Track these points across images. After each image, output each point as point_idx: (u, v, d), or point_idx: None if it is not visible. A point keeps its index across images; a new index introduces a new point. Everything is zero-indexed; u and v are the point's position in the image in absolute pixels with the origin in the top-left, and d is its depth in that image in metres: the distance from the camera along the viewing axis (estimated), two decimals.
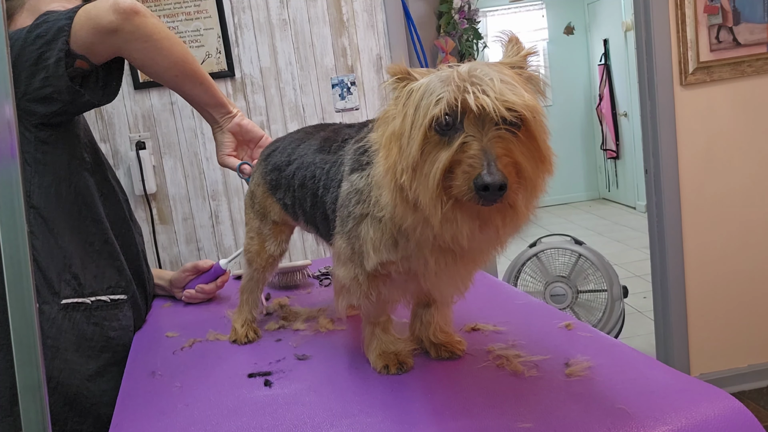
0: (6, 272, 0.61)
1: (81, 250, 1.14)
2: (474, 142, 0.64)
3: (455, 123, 0.65)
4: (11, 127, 0.61)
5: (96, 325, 1.13)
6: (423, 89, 0.68)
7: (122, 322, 1.18)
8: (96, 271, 1.16)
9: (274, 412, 0.79)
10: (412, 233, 0.74)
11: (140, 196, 2.46)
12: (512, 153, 0.65)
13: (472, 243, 0.69)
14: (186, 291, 1.37)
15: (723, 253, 2.64)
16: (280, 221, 1.09)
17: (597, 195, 7.13)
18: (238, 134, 1.25)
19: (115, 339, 1.16)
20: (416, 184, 0.67)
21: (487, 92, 0.63)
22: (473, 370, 0.85)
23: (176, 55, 1.11)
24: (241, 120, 1.24)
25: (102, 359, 1.13)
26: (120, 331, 1.17)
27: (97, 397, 1.11)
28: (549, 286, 2.85)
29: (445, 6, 2.53)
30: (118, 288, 1.19)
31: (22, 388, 0.61)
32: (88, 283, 1.14)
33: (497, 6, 6.62)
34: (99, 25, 1.02)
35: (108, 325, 1.15)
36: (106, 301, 1.16)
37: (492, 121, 0.64)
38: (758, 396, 2.66)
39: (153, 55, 1.08)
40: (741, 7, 2.45)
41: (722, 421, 0.67)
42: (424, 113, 0.66)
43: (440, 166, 0.64)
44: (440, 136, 0.66)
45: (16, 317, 0.61)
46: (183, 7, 2.40)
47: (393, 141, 0.70)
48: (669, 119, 2.51)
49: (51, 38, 1.01)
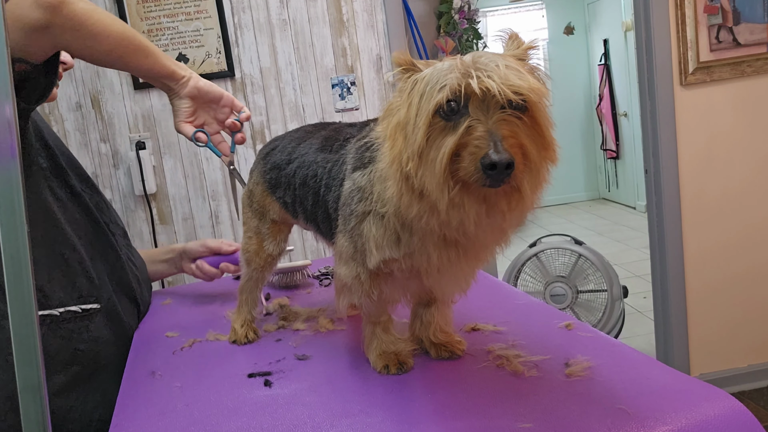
0: (6, 272, 0.61)
1: (46, 261, 1.09)
2: (479, 125, 0.64)
3: (460, 108, 0.65)
4: (11, 127, 0.61)
5: (63, 339, 1.08)
6: (427, 78, 0.69)
7: (93, 333, 1.12)
8: (64, 281, 1.10)
9: (274, 412, 0.79)
10: (417, 224, 0.73)
11: (140, 196, 2.46)
12: (518, 135, 0.65)
13: (479, 228, 0.69)
14: (199, 261, 1.35)
15: (723, 252, 2.64)
16: (279, 220, 1.09)
17: (597, 195, 7.13)
18: (196, 98, 1.18)
19: (85, 351, 1.10)
20: (422, 170, 0.67)
21: (491, 77, 0.64)
22: (473, 370, 0.85)
23: (114, 36, 1.04)
24: (197, 82, 1.17)
25: (69, 373, 1.07)
26: (90, 342, 1.11)
27: (65, 412, 1.06)
28: (549, 286, 2.85)
29: (445, 6, 2.53)
30: (90, 297, 1.13)
31: (22, 388, 0.61)
32: (55, 295, 1.08)
33: (497, 6, 6.63)
34: (27, 25, 0.94)
35: (77, 337, 1.09)
36: (77, 311, 1.10)
37: (497, 105, 0.65)
38: (758, 396, 2.66)
39: (90, 42, 1.01)
40: (741, 7, 2.45)
41: (722, 421, 0.67)
42: (428, 99, 0.66)
43: (446, 150, 0.65)
44: (445, 121, 0.66)
45: (16, 317, 0.61)
46: (183, 7, 2.40)
47: (398, 131, 0.70)
48: (669, 119, 2.51)
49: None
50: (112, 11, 2.37)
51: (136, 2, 2.37)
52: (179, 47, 2.42)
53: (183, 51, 2.42)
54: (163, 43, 2.40)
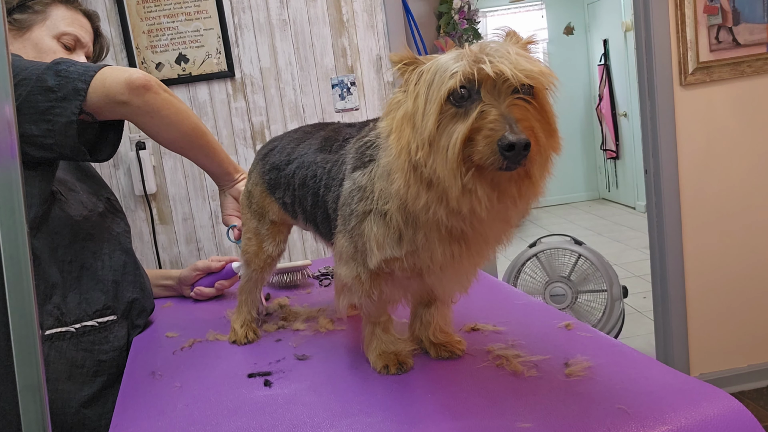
0: (6, 272, 0.61)
1: (60, 280, 1.12)
2: (492, 109, 0.64)
3: (471, 94, 0.66)
4: (11, 127, 0.61)
5: (86, 351, 1.11)
6: (435, 68, 0.69)
7: (114, 344, 1.15)
8: (79, 298, 1.14)
9: (273, 412, 0.79)
10: (424, 216, 0.73)
11: (140, 197, 2.46)
12: (529, 119, 0.66)
13: (490, 214, 0.69)
14: (197, 288, 1.38)
15: (723, 252, 2.64)
16: (278, 221, 1.09)
17: (597, 195, 7.13)
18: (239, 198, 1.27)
19: (108, 362, 1.14)
20: (433, 158, 0.67)
21: (503, 62, 0.65)
22: (473, 370, 0.85)
23: (183, 130, 1.14)
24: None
25: (96, 384, 1.12)
26: (112, 353, 1.15)
27: (95, 421, 1.10)
28: (549, 286, 2.85)
29: (445, 6, 2.53)
30: (106, 310, 1.17)
31: (22, 388, 0.61)
32: (71, 311, 1.12)
33: (497, 6, 6.63)
34: (110, 95, 1.03)
35: (98, 348, 1.13)
36: (94, 325, 1.14)
37: (508, 90, 0.65)
38: (758, 396, 2.66)
39: (159, 128, 1.11)
40: (741, 7, 2.45)
41: (722, 421, 0.67)
42: (438, 87, 0.66)
43: (460, 135, 0.65)
44: (456, 107, 0.66)
45: (16, 317, 0.61)
46: (183, 7, 2.40)
47: (405, 122, 0.70)
48: (669, 119, 2.51)
49: (64, 96, 1.01)
50: (112, 11, 2.37)
51: (136, 2, 2.37)
52: (179, 47, 2.42)
53: (183, 51, 2.42)
54: (163, 43, 2.40)
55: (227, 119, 2.49)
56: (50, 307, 1.10)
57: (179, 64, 2.43)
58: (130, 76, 1.04)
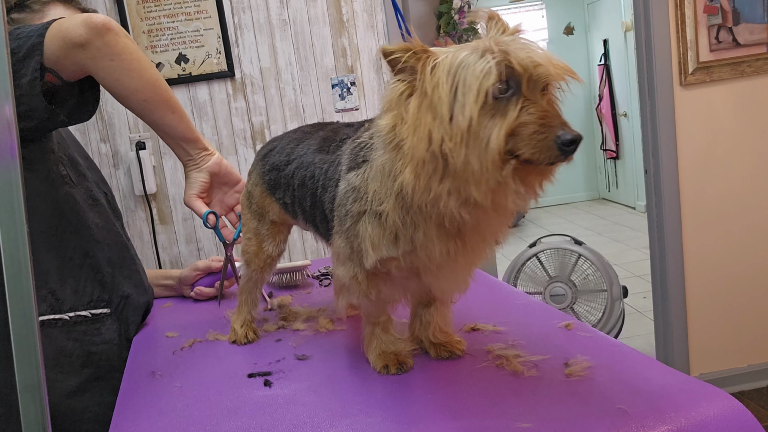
0: (6, 272, 0.61)
1: (59, 265, 1.12)
2: (534, 105, 0.65)
3: (508, 88, 0.66)
4: (11, 127, 0.61)
5: (76, 341, 1.11)
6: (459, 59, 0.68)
7: (105, 336, 1.15)
8: (75, 286, 1.13)
9: (273, 412, 0.79)
10: (429, 209, 0.72)
11: (140, 196, 2.46)
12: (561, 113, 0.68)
13: (514, 205, 0.70)
14: (197, 288, 1.38)
15: (723, 252, 2.64)
16: (278, 221, 1.09)
17: (597, 195, 7.13)
18: (216, 174, 1.18)
19: (98, 354, 1.13)
20: (468, 150, 0.66)
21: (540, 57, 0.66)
22: (473, 370, 0.85)
23: (146, 77, 1.06)
24: (222, 160, 1.20)
25: (83, 375, 1.11)
26: (102, 345, 1.14)
27: (78, 413, 1.09)
28: (549, 286, 2.85)
29: (445, 6, 2.53)
30: (101, 302, 1.16)
31: (22, 388, 0.61)
32: (67, 299, 1.11)
33: (497, 6, 6.63)
34: (68, 38, 0.98)
35: (89, 340, 1.13)
36: (87, 316, 1.13)
37: (541, 85, 0.66)
38: (758, 396, 2.66)
39: (120, 74, 1.03)
40: (741, 7, 2.45)
41: (722, 421, 0.67)
42: (473, 78, 0.66)
43: (504, 129, 0.65)
44: (495, 101, 0.66)
45: (16, 317, 0.61)
46: (183, 7, 2.40)
47: (423, 111, 0.69)
48: (669, 119, 2.51)
49: (24, 55, 0.97)
50: (112, 11, 2.37)
51: (136, 2, 2.37)
52: (179, 47, 2.42)
53: (183, 51, 2.42)
54: (163, 43, 2.41)
55: (227, 119, 2.49)
56: (44, 292, 1.09)
57: (179, 64, 2.43)
58: (89, 16, 1.00)
